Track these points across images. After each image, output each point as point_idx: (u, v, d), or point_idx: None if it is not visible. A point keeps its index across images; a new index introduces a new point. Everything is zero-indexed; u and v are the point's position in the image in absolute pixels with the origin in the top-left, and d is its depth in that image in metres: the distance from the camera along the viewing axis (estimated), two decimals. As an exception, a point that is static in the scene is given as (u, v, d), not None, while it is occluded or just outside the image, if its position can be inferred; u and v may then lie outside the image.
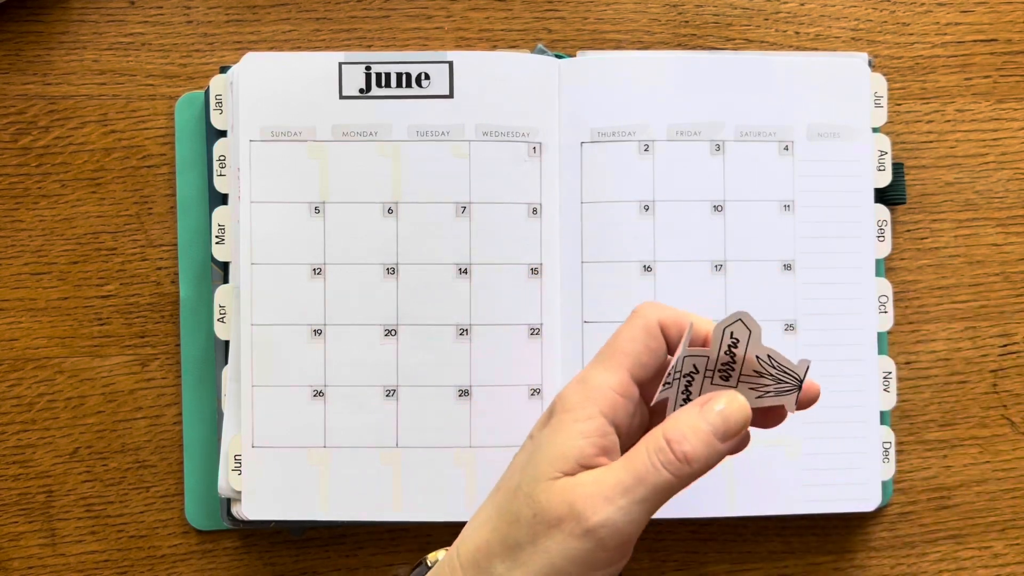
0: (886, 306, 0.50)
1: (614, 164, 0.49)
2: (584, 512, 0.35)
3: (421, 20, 0.52)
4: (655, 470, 0.36)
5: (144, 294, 0.51)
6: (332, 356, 0.48)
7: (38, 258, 0.51)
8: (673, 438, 0.36)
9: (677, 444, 0.36)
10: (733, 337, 0.37)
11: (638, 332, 0.38)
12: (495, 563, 0.36)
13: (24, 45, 0.51)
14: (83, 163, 0.51)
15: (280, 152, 0.49)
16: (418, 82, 0.49)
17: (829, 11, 0.52)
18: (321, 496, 0.48)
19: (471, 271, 0.49)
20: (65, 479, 0.51)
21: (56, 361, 0.51)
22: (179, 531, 0.51)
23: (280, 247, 0.49)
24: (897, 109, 0.52)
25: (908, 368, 0.52)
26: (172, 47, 0.52)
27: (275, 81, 0.49)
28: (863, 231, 0.50)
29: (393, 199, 0.49)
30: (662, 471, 0.36)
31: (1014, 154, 0.53)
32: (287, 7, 0.52)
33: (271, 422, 0.48)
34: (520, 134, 0.49)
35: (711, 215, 0.49)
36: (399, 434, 0.48)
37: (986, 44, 0.53)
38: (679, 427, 0.36)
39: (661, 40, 0.52)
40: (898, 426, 0.52)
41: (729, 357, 0.38)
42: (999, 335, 0.52)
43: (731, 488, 0.49)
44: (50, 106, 0.51)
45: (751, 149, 0.49)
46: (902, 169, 0.51)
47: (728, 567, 0.52)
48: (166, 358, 0.51)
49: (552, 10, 0.52)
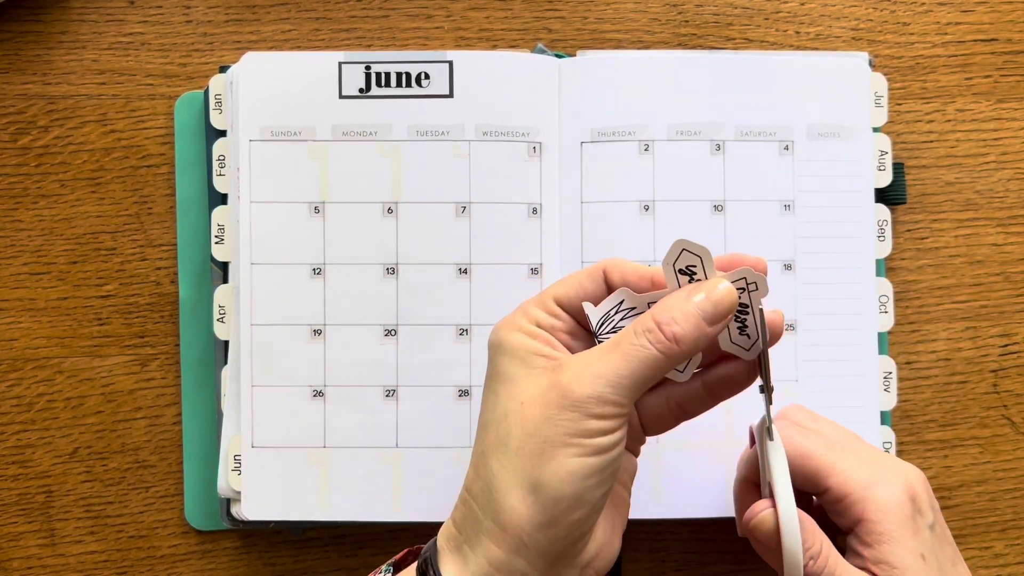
0: (886, 306, 0.50)
1: (614, 164, 0.49)
2: (569, 386, 0.36)
3: (421, 20, 0.52)
4: (643, 348, 0.37)
5: (144, 294, 0.51)
6: (332, 356, 0.48)
7: (38, 258, 0.51)
8: (663, 320, 0.37)
9: (667, 326, 0.37)
10: (688, 268, 0.38)
11: (579, 272, 0.40)
12: (488, 463, 0.37)
13: (24, 45, 0.51)
14: (83, 163, 0.51)
15: (280, 152, 0.49)
16: (418, 82, 0.49)
17: (829, 11, 0.52)
18: (321, 496, 0.48)
19: (471, 271, 0.49)
20: (65, 479, 0.51)
21: (56, 361, 0.51)
22: (179, 531, 0.51)
23: (280, 247, 0.48)
24: (897, 109, 0.52)
25: (908, 368, 0.52)
26: (172, 47, 0.52)
27: (275, 81, 0.49)
28: (863, 231, 0.50)
29: (393, 199, 0.49)
30: (650, 348, 0.37)
31: (1014, 154, 0.53)
32: (287, 7, 0.52)
33: (271, 422, 0.48)
34: (520, 134, 0.49)
35: (711, 215, 0.49)
36: (399, 434, 0.48)
37: (987, 44, 0.53)
38: (669, 310, 0.37)
39: (661, 40, 0.52)
40: (898, 426, 0.52)
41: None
42: (999, 335, 0.52)
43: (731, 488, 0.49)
44: (50, 106, 0.51)
45: (751, 149, 0.49)
46: (902, 169, 0.51)
47: (728, 567, 0.52)
48: (166, 358, 0.51)
49: (552, 10, 0.52)
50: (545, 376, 0.37)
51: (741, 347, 0.39)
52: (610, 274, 0.39)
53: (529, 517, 0.36)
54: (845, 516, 0.40)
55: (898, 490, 0.40)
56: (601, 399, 0.36)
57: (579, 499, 0.36)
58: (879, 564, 0.39)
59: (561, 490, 0.36)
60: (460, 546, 0.38)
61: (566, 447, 0.36)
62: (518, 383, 0.38)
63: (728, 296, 0.38)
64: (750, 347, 0.39)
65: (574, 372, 0.37)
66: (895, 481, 0.40)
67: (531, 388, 0.37)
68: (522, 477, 0.36)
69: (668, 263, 0.38)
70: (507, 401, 0.38)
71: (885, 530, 0.39)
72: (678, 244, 0.38)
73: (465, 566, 0.37)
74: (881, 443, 0.49)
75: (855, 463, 0.41)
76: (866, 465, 0.41)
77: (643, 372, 0.37)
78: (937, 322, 0.52)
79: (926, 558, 0.39)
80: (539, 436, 0.36)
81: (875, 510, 0.39)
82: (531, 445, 0.36)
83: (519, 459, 0.36)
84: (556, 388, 0.36)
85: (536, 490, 0.36)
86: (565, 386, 0.36)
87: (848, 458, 0.41)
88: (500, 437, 0.37)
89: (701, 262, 0.38)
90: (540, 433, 0.36)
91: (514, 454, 0.37)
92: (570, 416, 0.36)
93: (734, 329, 0.39)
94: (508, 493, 0.36)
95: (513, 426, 0.37)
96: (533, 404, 0.37)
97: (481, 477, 0.38)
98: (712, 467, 0.48)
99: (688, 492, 0.49)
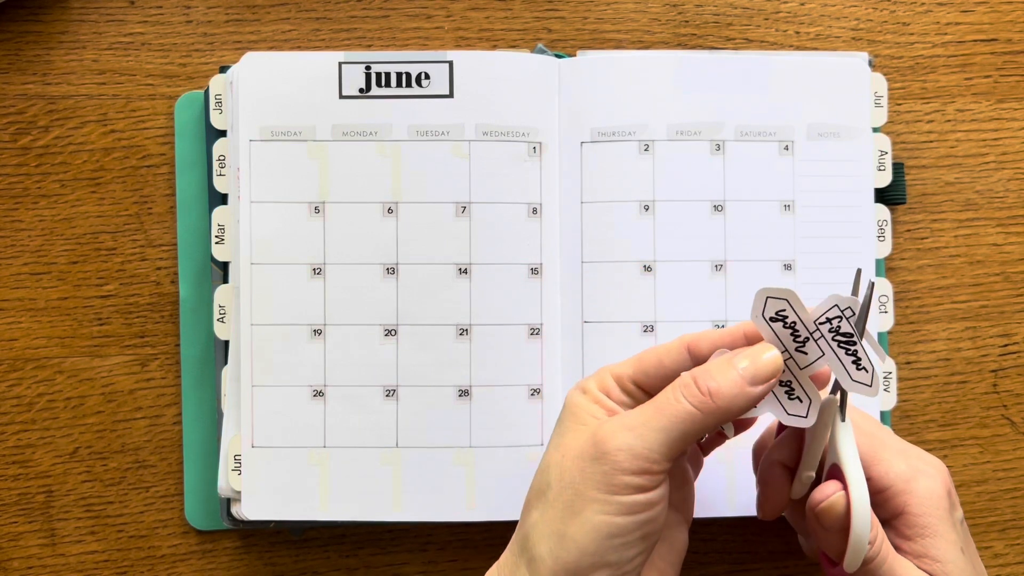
0: (886, 306, 0.50)
1: (614, 164, 0.49)
2: (603, 438, 0.36)
3: (421, 20, 0.52)
4: (676, 402, 0.36)
5: (144, 294, 0.51)
6: (332, 356, 0.48)
7: (38, 258, 0.51)
8: (699, 375, 0.37)
9: (702, 380, 0.37)
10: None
11: (657, 349, 0.40)
12: (531, 512, 0.38)
13: (24, 45, 0.51)
14: (83, 163, 0.51)
15: (280, 152, 0.49)
16: (418, 82, 0.49)
17: (829, 11, 0.52)
18: (321, 496, 0.48)
19: (471, 271, 0.49)
20: (65, 479, 0.51)
21: (56, 361, 0.51)
22: (179, 531, 0.51)
23: (280, 247, 0.48)
24: (897, 109, 0.52)
25: (908, 368, 0.52)
26: (172, 47, 0.52)
27: (275, 81, 0.49)
28: (863, 231, 0.50)
29: (393, 199, 0.49)
30: (683, 402, 0.36)
31: (1014, 154, 0.53)
32: (287, 7, 0.52)
33: (271, 422, 0.48)
34: (520, 134, 0.49)
35: (711, 215, 0.49)
36: (399, 434, 0.48)
37: (986, 44, 0.53)
38: (707, 368, 0.37)
39: (661, 40, 0.52)
40: (898, 426, 0.52)
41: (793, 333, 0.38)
42: (999, 335, 0.52)
43: (731, 488, 0.49)
44: (50, 106, 0.51)
45: (751, 149, 0.49)
46: (902, 169, 0.51)
47: (728, 567, 0.52)
48: (166, 358, 0.51)
49: (552, 10, 0.52)
50: (589, 430, 0.37)
51: (798, 416, 0.38)
52: (697, 347, 0.39)
53: (553, 569, 0.36)
54: (885, 508, 0.40)
55: (937, 483, 0.40)
56: (631, 452, 0.36)
57: (602, 557, 0.36)
58: (921, 558, 0.39)
59: (584, 546, 0.36)
60: None
61: (594, 502, 0.36)
62: (565, 436, 0.38)
63: (773, 361, 0.37)
64: (806, 412, 0.38)
65: (611, 426, 0.37)
66: (933, 475, 0.40)
67: (575, 441, 0.38)
68: (553, 528, 0.36)
69: (756, 315, 0.38)
70: (553, 452, 0.38)
71: (928, 523, 0.39)
72: (761, 293, 0.37)
73: None
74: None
75: (892, 454, 0.41)
76: (905, 455, 0.41)
77: (677, 427, 0.36)
78: (937, 322, 0.52)
79: (964, 551, 0.39)
80: (572, 488, 0.36)
81: (917, 503, 0.39)
82: (565, 496, 0.36)
83: (553, 510, 0.37)
84: (592, 440, 0.37)
85: (562, 542, 0.36)
86: (600, 439, 0.37)
87: (889, 447, 0.41)
88: (540, 487, 0.38)
89: (789, 304, 0.37)
90: (573, 485, 0.36)
91: (550, 505, 0.37)
92: (601, 469, 0.36)
93: (783, 395, 0.38)
94: (539, 543, 0.37)
95: (553, 477, 0.37)
96: (572, 456, 0.37)
97: (523, 526, 0.38)
98: (712, 467, 0.48)
99: (688, 492, 0.49)
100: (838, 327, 0.37)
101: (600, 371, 0.40)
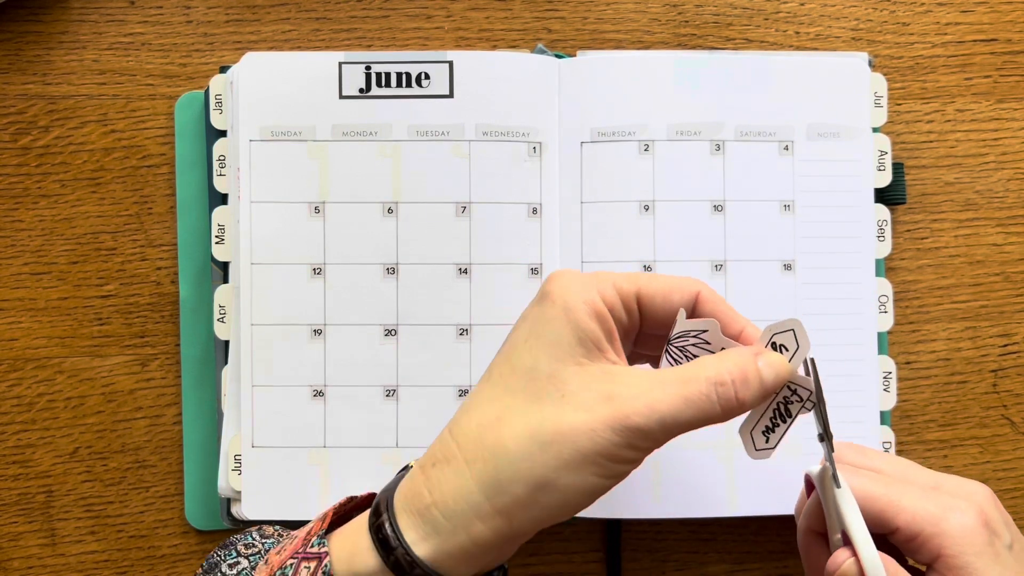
0: (886, 306, 0.50)
1: (614, 164, 0.49)
2: (624, 409, 0.35)
3: (421, 20, 0.52)
4: (708, 400, 0.36)
5: (144, 294, 0.51)
6: (332, 356, 0.48)
7: (38, 258, 0.51)
8: (739, 383, 0.36)
9: (741, 389, 0.36)
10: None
11: (671, 280, 0.39)
12: (504, 437, 0.36)
13: (24, 45, 0.51)
14: (83, 163, 0.51)
15: (280, 152, 0.49)
16: (418, 82, 0.49)
17: (829, 11, 0.52)
18: (321, 496, 0.48)
19: (471, 271, 0.49)
20: (65, 479, 0.51)
21: (56, 361, 0.51)
22: (179, 531, 0.51)
23: (280, 247, 0.49)
24: (897, 109, 0.52)
25: (908, 368, 0.52)
26: (172, 47, 0.52)
27: (275, 81, 0.49)
28: (863, 231, 0.50)
29: (393, 199, 0.49)
30: (715, 404, 0.36)
31: (1014, 154, 0.53)
32: (287, 7, 0.52)
33: (271, 422, 0.48)
34: (520, 134, 0.49)
35: (711, 215, 0.49)
36: (399, 434, 0.48)
37: (986, 44, 0.53)
38: (744, 371, 0.37)
39: (661, 40, 0.52)
40: (898, 426, 0.52)
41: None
42: (999, 335, 0.52)
43: (731, 488, 0.49)
44: (50, 106, 0.51)
45: (751, 149, 0.49)
46: (902, 169, 0.51)
47: (728, 567, 0.52)
48: (166, 358, 0.51)
49: (552, 10, 0.52)
50: (596, 381, 0.36)
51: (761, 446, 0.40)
52: (702, 303, 0.39)
53: (527, 508, 0.35)
54: (921, 553, 0.39)
55: (970, 517, 0.39)
56: (649, 435, 0.35)
57: (576, 508, 0.36)
58: None
59: (567, 501, 0.35)
60: (429, 508, 0.36)
61: (595, 464, 0.35)
62: (566, 366, 0.36)
63: (788, 372, 0.38)
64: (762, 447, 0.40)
65: (633, 395, 0.35)
66: (965, 508, 0.39)
67: (580, 389, 0.36)
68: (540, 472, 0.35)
69: (769, 331, 0.38)
70: (548, 382, 0.36)
71: (965, 563, 0.38)
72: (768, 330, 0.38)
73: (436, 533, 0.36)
74: (881, 443, 0.49)
75: (918, 495, 0.40)
76: (930, 494, 0.40)
77: (697, 420, 0.36)
78: (937, 322, 0.52)
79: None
80: (573, 444, 0.35)
81: (951, 544, 0.38)
82: (564, 449, 0.35)
83: (544, 454, 0.35)
84: (609, 404, 0.35)
85: (544, 489, 0.35)
86: (619, 407, 0.35)
87: (911, 491, 0.40)
88: (529, 413, 0.35)
89: (795, 338, 0.38)
90: (576, 442, 0.35)
91: (539, 448, 0.35)
92: (614, 440, 0.35)
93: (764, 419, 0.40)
94: (516, 481, 0.35)
95: (548, 410, 0.35)
96: (577, 405, 0.35)
97: (486, 437, 0.36)
98: (712, 467, 0.48)
99: (688, 492, 0.49)
100: (788, 401, 0.39)
101: (603, 279, 0.38)
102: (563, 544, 0.51)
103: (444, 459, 0.37)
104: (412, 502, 0.37)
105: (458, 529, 0.36)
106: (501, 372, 0.37)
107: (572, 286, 0.37)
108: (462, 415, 0.37)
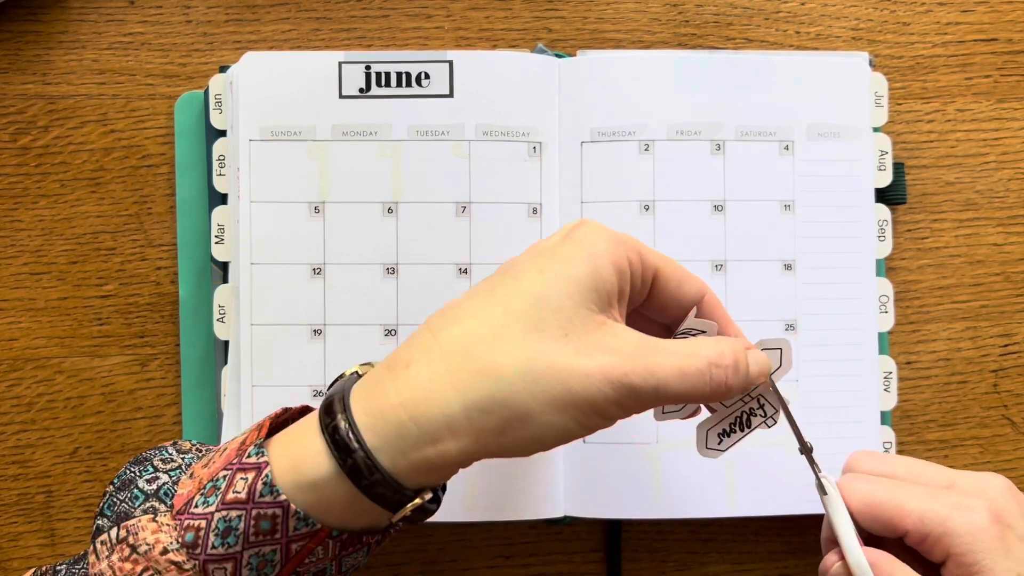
0: (887, 306, 0.50)
1: (614, 164, 0.49)
2: (623, 367, 0.35)
3: (421, 20, 0.52)
4: (702, 379, 0.36)
5: (144, 294, 0.51)
6: (332, 356, 0.48)
7: (38, 258, 0.51)
8: (733, 366, 0.37)
9: (734, 373, 0.37)
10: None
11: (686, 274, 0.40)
12: (499, 358, 0.35)
13: (23, 45, 0.51)
14: (83, 163, 0.51)
15: (280, 152, 0.49)
16: (418, 82, 0.49)
17: (829, 11, 0.52)
18: (321, 496, 0.48)
19: (471, 271, 0.49)
20: (65, 479, 0.51)
21: (56, 361, 0.51)
22: (179, 531, 0.51)
23: (280, 247, 0.48)
24: (898, 109, 0.52)
25: (909, 368, 0.52)
26: (171, 47, 0.52)
27: (275, 81, 0.49)
28: (863, 231, 0.50)
29: (393, 199, 0.49)
30: (707, 384, 0.36)
31: (1015, 154, 0.53)
32: (287, 7, 0.52)
33: (271, 422, 0.48)
34: (520, 134, 0.49)
35: (711, 215, 0.49)
36: (399, 434, 0.48)
37: (987, 44, 0.53)
38: (737, 358, 0.37)
39: (661, 40, 0.52)
40: (899, 426, 0.52)
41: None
42: (1000, 335, 0.52)
43: (731, 488, 0.49)
44: (49, 106, 0.51)
45: (751, 149, 0.49)
46: (902, 169, 0.51)
47: (728, 567, 0.52)
48: (166, 358, 0.51)
49: (552, 10, 0.52)
50: (600, 332, 0.35)
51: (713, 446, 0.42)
52: (705, 305, 0.40)
53: (499, 435, 0.35)
54: (932, 554, 0.39)
55: (979, 514, 0.39)
56: (640, 397, 0.35)
57: (541, 447, 0.35)
58: None
59: (537, 437, 0.35)
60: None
61: (578, 409, 0.35)
62: (576, 306, 0.35)
63: (768, 368, 0.39)
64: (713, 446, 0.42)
65: (634, 356, 0.35)
66: (974, 504, 0.39)
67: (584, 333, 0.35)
68: (526, 402, 0.34)
69: (761, 343, 0.40)
70: (554, 315, 0.35)
71: (975, 560, 0.38)
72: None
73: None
74: (881, 443, 0.49)
75: (925, 497, 0.40)
76: (938, 494, 0.40)
77: (685, 395, 0.36)
78: (937, 322, 0.52)
79: None
80: (564, 384, 0.34)
81: (960, 543, 0.38)
82: (554, 386, 0.34)
83: (533, 385, 0.34)
84: (610, 356, 0.35)
85: (523, 420, 0.34)
86: (619, 362, 0.35)
87: (917, 493, 0.40)
88: (528, 341, 0.35)
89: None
90: (567, 383, 0.34)
91: (531, 378, 0.34)
92: (606, 393, 0.34)
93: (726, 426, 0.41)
94: (503, 406, 0.34)
95: (548, 344, 0.35)
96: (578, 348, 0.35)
97: (477, 351, 0.35)
98: (712, 467, 0.48)
99: (688, 492, 0.49)
100: (752, 412, 0.41)
101: (632, 242, 0.38)
102: (563, 544, 0.51)
103: (422, 360, 0.35)
104: (374, 401, 0.35)
105: (425, 437, 0.34)
106: (505, 292, 0.36)
107: (602, 234, 0.37)
108: (449, 321, 0.36)
